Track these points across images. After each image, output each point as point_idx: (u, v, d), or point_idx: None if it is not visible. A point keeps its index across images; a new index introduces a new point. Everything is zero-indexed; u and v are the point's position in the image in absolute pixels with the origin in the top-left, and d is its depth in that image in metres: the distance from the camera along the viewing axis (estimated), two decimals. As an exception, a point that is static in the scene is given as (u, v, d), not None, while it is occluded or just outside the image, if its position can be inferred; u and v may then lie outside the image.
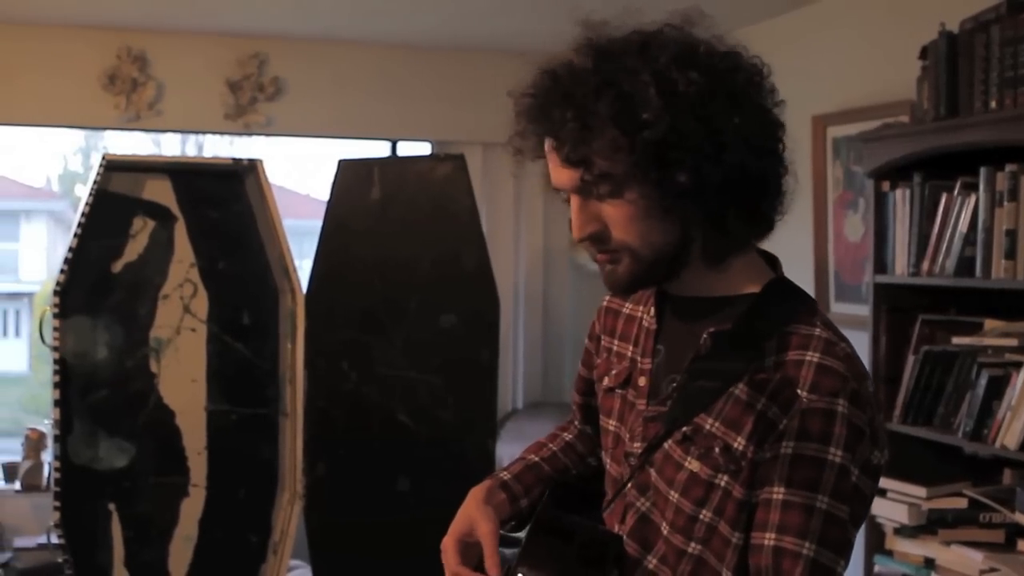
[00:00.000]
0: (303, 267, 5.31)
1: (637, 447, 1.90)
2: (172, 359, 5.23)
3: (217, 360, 5.30)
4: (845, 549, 1.72)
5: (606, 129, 1.69)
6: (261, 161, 5.20)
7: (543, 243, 6.72)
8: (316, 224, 5.32)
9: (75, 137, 10.36)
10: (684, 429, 1.80)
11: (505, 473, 2.13)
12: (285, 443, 5.28)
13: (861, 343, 4.13)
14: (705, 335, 1.81)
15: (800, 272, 5.16)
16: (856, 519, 1.73)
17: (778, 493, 1.70)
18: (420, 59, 6.34)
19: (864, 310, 4.30)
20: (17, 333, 13.29)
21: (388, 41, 6.17)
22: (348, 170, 5.25)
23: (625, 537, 1.89)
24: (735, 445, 1.74)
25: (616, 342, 2.05)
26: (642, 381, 1.93)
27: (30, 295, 12.63)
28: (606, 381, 2.04)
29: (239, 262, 5.31)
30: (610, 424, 2.01)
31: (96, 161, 5.01)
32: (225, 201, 5.32)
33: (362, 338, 5.24)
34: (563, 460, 2.21)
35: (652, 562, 1.86)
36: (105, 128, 6.22)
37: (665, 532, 1.83)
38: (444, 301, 5.07)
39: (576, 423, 2.28)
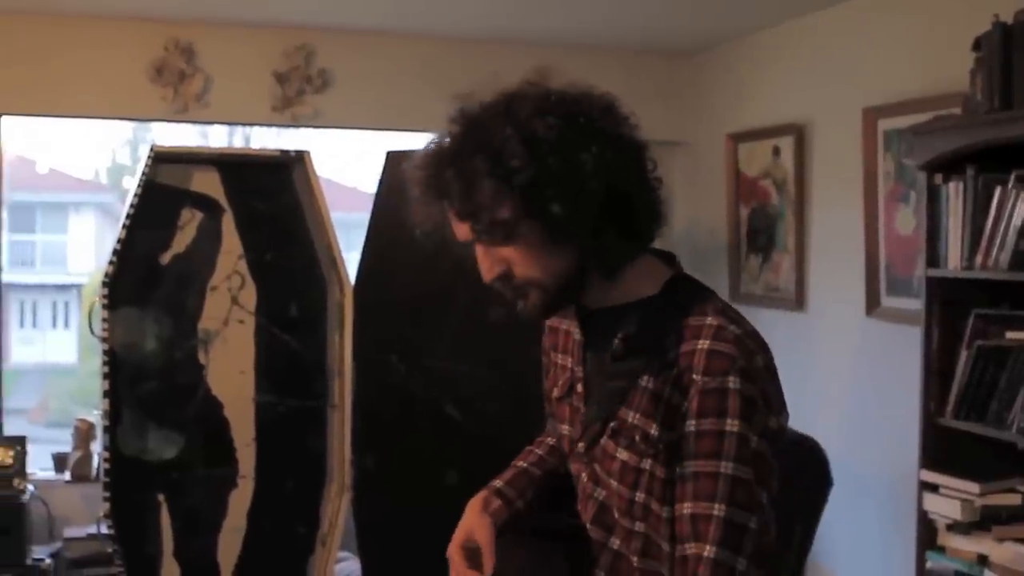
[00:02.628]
0: (351, 260, 5.32)
1: (582, 446, 2.18)
2: (220, 351, 5.26)
3: (265, 352, 5.33)
4: (756, 507, 1.95)
5: (484, 182, 1.98)
6: (309, 152, 5.21)
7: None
8: (364, 217, 5.33)
9: (123, 129, 10.35)
10: (612, 424, 2.09)
11: (498, 481, 2.44)
12: (333, 435, 5.30)
13: (913, 337, 4.11)
14: (617, 340, 2.09)
15: (851, 265, 5.13)
16: (763, 480, 1.97)
17: (689, 466, 1.97)
18: (467, 52, 6.31)
19: (916, 304, 4.26)
20: (66, 324, 13.36)
21: (436, 33, 6.16)
22: (396, 162, 5.25)
23: (590, 524, 2.19)
24: (651, 432, 2.02)
25: (559, 356, 2.34)
26: (580, 387, 2.22)
27: (78, 287, 12.66)
28: (555, 392, 2.34)
29: (287, 254, 5.33)
30: (564, 429, 2.29)
31: (144, 153, 5.03)
32: (273, 193, 5.34)
33: (410, 331, 5.25)
34: (550, 461, 2.49)
35: (615, 543, 2.15)
36: (153, 120, 6.22)
37: (617, 516, 2.12)
38: (493, 294, 5.06)
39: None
